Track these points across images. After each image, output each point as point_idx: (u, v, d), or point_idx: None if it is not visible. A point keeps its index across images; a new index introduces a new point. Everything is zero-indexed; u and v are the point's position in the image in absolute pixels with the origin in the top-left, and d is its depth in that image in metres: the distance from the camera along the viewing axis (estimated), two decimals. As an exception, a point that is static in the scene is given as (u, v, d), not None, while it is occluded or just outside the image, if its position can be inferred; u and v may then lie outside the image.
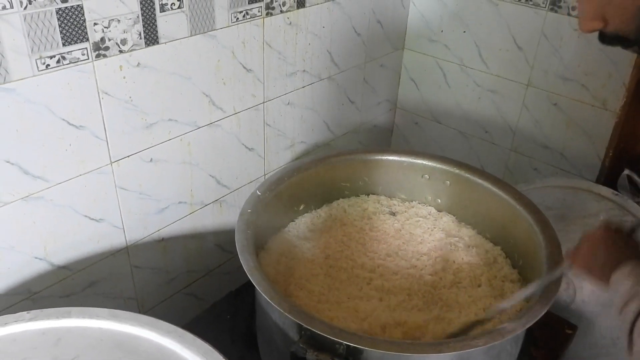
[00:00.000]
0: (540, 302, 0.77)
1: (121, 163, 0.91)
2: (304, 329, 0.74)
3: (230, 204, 1.16)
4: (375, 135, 1.54)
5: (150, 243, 1.02)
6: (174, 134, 0.97)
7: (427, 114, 1.53)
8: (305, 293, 0.89)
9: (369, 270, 0.96)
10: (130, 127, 0.90)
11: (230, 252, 1.21)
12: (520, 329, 0.73)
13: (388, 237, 1.04)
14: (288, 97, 1.18)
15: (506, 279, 0.96)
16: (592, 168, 1.28)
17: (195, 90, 0.97)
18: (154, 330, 0.69)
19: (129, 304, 1.04)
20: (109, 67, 0.83)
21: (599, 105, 1.23)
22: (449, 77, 1.45)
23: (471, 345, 0.70)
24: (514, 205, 0.97)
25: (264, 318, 0.86)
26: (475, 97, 1.42)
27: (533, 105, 1.33)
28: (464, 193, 1.07)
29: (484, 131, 1.44)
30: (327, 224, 1.06)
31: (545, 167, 1.37)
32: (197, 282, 1.16)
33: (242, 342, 0.96)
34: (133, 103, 0.88)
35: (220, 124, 1.05)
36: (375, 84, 1.44)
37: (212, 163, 1.07)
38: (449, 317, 0.88)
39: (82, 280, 0.94)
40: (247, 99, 1.08)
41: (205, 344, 0.67)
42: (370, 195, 1.14)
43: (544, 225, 0.91)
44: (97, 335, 0.69)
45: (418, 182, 1.11)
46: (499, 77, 1.36)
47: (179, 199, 1.04)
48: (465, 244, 1.04)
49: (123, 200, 0.94)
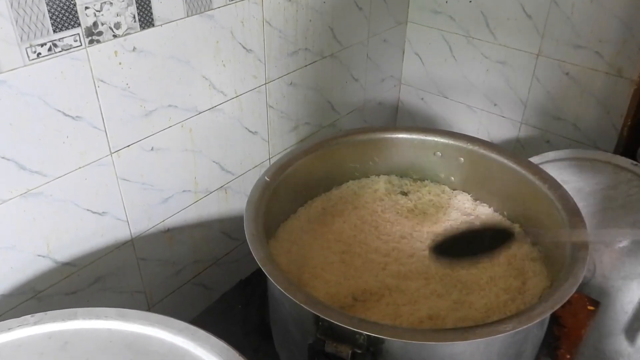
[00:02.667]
0: (568, 282, 0.74)
1: (121, 153, 0.88)
2: (321, 320, 0.71)
3: (236, 190, 1.13)
4: (380, 113, 1.51)
5: (156, 234, 1.00)
6: (175, 120, 0.94)
7: (433, 89, 1.50)
8: (321, 282, 0.86)
9: (384, 254, 0.93)
10: (129, 116, 0.87)
11: (237, 239, 1.19)
12: (548, 311, 0.70)
13: (401, 219, 1.01)
14: (290, 77, 1.15)
15: (526, 257, 0.93)
16: (607, 139, 1.25)
17: (194, 73, 0.94)
18: (165, 329, 0.66)
19: (137, 297, 1.02)
20: (103, 53, 0.80)
21: (614, 73, 1.19)
22: (455, 49, 1.41)
23: (498, 331, 0.67)
24: (533, 180, 0.94)
25: (277, 309, 0.83)
26: (483, 69, 1.38)
27: (544, 75, 1.30)
28: (478, 170, 1.03)
29: (493, 104, 1.41)
30: (339, 208, 1.03)
31: (558, 139, 1.34)
32: (205, 271, 1.14)
33: (255, 334, 0.93)
34: (130, 90, 0.85)
35: (221, 108, 1.02)
36: (378, 60, 1.41)
37: (215, 149, 1.04)
38: (470, 300, 0.85)
39: (87, 276, 0.92)
40: (249, 80, 1.05)
41: (220, 341, 0.64)
42: (381, 175, 1.11)
43: (565, 200, 0.88)
44: (106, 337, 0.66)
45: (430, 160, 1.08)
46: (508, 47, 1.32)
47: (183, 187, 1.02)
48: (481, 222, 1.01)
49: (125, 192, 0.91)
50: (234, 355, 0.63)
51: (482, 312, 0.83)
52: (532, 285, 0.87)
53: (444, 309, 0.83)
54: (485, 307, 0.84)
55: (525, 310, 0.72)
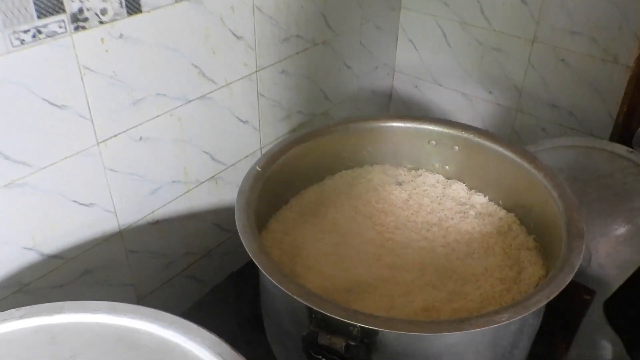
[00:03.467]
0: (564, 271, 0.74)
1: (109, 143, 0.87)
2: (314, 312, 0.71)
3: (227, 180, 1.13)
4: (373, 101, 1.51)
5: (145, 226, 0.99)
6: (163, 109, 0.93)
7: (427, 76, 1.50)
8: (314, 274, 0.85)
9: (379, 245, 0.93)
10: (116, 104, 0.86)
11: (228, 230, 1.19)
12: (545, 300, 0.70)
13: (396, 209, 1.01)
14: (282, 65, 1.14)
15: (522, 247, 0.93)
16: (603, 126, 1.25)
17: (183, 61, 0.93)
18: (156, 322, 0.65)
19: (126, 290, 1.01)
20: (89, 40, 0.78)
21: (610, 59, 1.19)
22: (449, 36, 1.40)
23: (495, 321, 0.67)
24: (528, 169, 0.93)
25: (270, 302, 0.83)
26: (478, 56, 1.38)
27: (539, 62, 1.29)
28: (473, 158, 1.03)
29: (487, 92, 1.41)
30: (332, 198, 1.03)
31: (553, 127, 1.34)
32: (196, 263, 1.14)
33: (248, 327, 0.93)
34: (118, 78, 0.84)
35: (211, 97, 1.01)
36: (372, 48, 1.40)
37: (205, 138, 1.04)
38: (465, 290, 0.85)
39: (75, 269, 0.91)
40: (239, 68, 1.04)
41: (212, 334, 0.64)
42: (375, 165, 1.11)
43: (561, 189, 0.88)
44: (95, 331, 0.65)
45: (425, 149, 1.07)
46: (503, 33, 1.31)
47: (173, 178, 1.01)
48: (477, 212, 1.01)
49: (113, 183, 0.91)
50: (226, 349, 0.62)
51: (478, 303, 0.83)
52: (527, 275, 0.87)
53: (439, 300, 0.83)
54: (481, 297, 0.84)
55: (520, 300, 0.72)
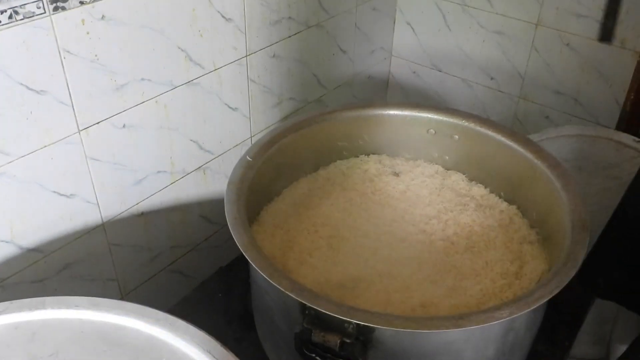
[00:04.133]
0: (567, 265, 0.75)
1: (90, 131, 0.87)
2: (307, 308, 0.71)
3: (215, 170, 1.13)
4: (370, 87, 1.51)
5: (129, 218, 1.00)
6: (148, 95, 0.93)
7: (425, 61, 1.50)
8: (307, 269, 0.86)
9: (374, 238, 0.93)
10: (98, 90, 0.86)
11: (217, 223, 1.19)
12: (547, 296, 0.71)
13: (393, 201, 1.02)
14: (273, 49, 1.14)
15: (524, 240, 0.94)
16: (610, 114, 1.26)
17: (169, 44, 0.93)
18: (142, 318, 0.66)
19: (109, 286, 1.02)
20: (69, 21, 0.78)
21: (617, 43, 1.20)
22: (449, 19, 1.41)
23: (495, 317, 0.68)
24: (531, 159, 0.94)
25: (261, 297, 0.83)
26: (479, 40, 1.38)
27: (543, 46, 1.30)
28: (474, 148, 1.04)
29: (489, 78, 1.41)
30: (326, 190, 1.03)
31: (558, 114, 1.35)
32: (183, 258, 1.14)
33: (237, 324, 0.94)
34: (100, 62, 0.84)
35: (199, 82, 1.01)
36: (368, 30, 1.40)
37: (192, 126, 1.04)
38: (464, 285, 0.86)
39: (55, 263, 0.91)
40: (228, 52, 1.04)
41: (200, 331, 0.65)
42: (371, 155, 1.11)
43: (565, 180, 0.89)
44: (78, 327, 0.66)
45: (423, 138, 1.08)
46: (505, 16, 1.32)
47: (158, 168, 1.01)
48: (477, 204, 1.02)
49: (95, 173, 0.91)
50: (215, 346, 0.63)
51: (478, 299, 0.84)
52: (529, 269, 0.88)
53: (438, 295, 0.84)
54: (481, 293, 0.85)
55: (522, 295, 0.73)
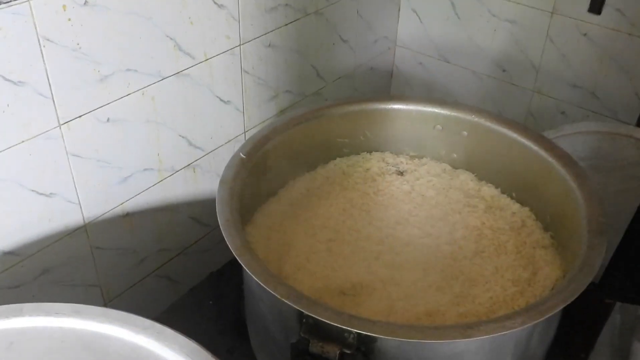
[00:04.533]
0: (583, 272, 0.76)
1: (72, 125, 0.87)
2: (305, 317, 0.72)
3: (206, 169, 1.13)
4: (372, 79, 1.52)
5: (113, 219, 1.00)
6: (134, 87, 0.94)
7: (432, 52, 1.50)
8: (304, 274, 0.87)
9: (377, 242, 0.94)
10: (81, 81, 0.86)
11: (208, 225, 1.19)
12: (561, 305, 0.72)
13: (396, 202, 1.03)
14: (269, 38, 1.14)
15: (537, 244, 0.95)
16: (630, 109, 1.27)
17: (157, 32, 0.93)
18: (127, 327, 0.66)
19: (92, 292, 1.02)
20: (49, 7, 0.78)
21: (638, 34, 1.21)
22: (459, 6, 1.41)
23: (505, 327, 0.69)
24: (546, 157, 0.95)
25: (255, 305, 0.84)
26: (491, 29, 1.39)
27: (559, 36, 1.30)
28: (484, 145, 1.05)
29: (501, 70, 1.42)
30: (325, 189, 1.04)
31: (574, 110, 1.35)
32: (170, 262, 1.15)
33: (229, 333, 0.95)
34: (82, 51, 0.84)
35: (189, 73, 1.01)
36: (370, 18, 1.41)
37: (181, 121, 1.04)
38: (473, 293, 0.87)
39: (33, 268, 0.91)
40: (221, 41, 1.04)
41: (190, 340, 0.65)
42: (373, 152, 1.12)
43: (582, 180, 0.89)
44: (58, 336, 0.66)
45: (429, 134, 1.09)
46: (519, 4, 1.32)
47: (145, 165, 1.01)
48: (487, 205, 1.03)
49: (77, 170, 0.91)
50: (205, 357, 0.63)
51: (487, 307, 0.85)
52: (543, 276, 0.89)
53: (444, 303, 0.85)
54: (491, 301, 0.86)
55: (535, 304, 0.73)
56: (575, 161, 0.94)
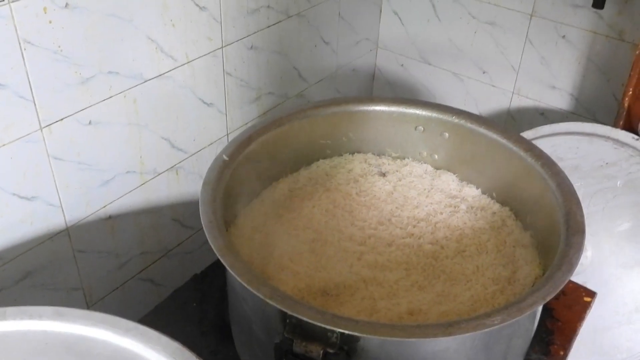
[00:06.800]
0: (561, 270, 0.77)
1: (53, 128, 0.88)
2: (289, 317, 0.72)
3: (188, 170, 1.14)
4: (354, 81, 1.53)
5: (95, 222, 1.00)
6: (116, 89, 0.94)
7: (414, 53, 1.52)
8: (288, 275, 0.87)
9: (359, 242, 0.95)
10: (62, 84, 0.86)
11: (191, 227, 1.20)
12: (540, 302, 0.73)
13: (379, 202, 1.03)
14: (251, 40, 1.15)
15: (517, 243, 0.96)
16: (608, 110, 1.29)
17: (138, 34, 0.93)
18: (111, 329, 0.66)
19: (74, 295, 1.02)
20: (30, 9, 0.79)
21: (615, 36, 1.23)
22: (439, 8, 1.43)
23: (486, 325, 0.70)
24: (525, 158, 0.96)
25: (239, 306, 0.84)
26: (471, 31, 1.40)
27: (538, 38, 1.32)
28: (465, 146, 1.06)
29: (481, 72, 1.44)
30: (308, 190, 1.04)
31: (553, 111, 1.37)
32: (153, 265, 1.15)
33: (213, 334, 0.95)
34: (63, 54, 0.85)
35: (171, 75, 1.02)
36: (352, 20, 1.42)
37: (164, 123, 1.04)
38: (454, 292, 0.88)
39: (15, 271, 0.91)
40: (202, 43, 1.05)
41: (174, 342, 0.65)
42: (356, 153, 1.13)
43: (560, 180, 0.91)
44: (41, 339, 0.66)
45: (411, 135, 1.09)
46: (498, 6, 1.34)
47: (127, 167, 1.02)
48: (468, 205, 1.04)
49: (58, 173, 0.91)
50: (189, 357, 0.64)
51: (468, 305, 0.86)
52: (523, 274, 0.90)
53: (426, 302, 0.86)
54: (472, 299, 0.87)
55: (514, 301, 0.74)
56: (554, 162, 0.95)
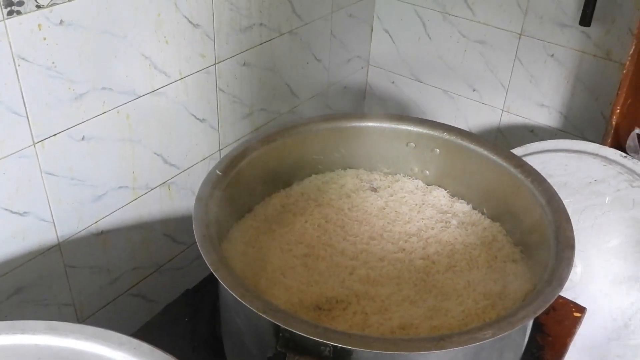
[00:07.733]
0: (552, 285, 0.78)
1: (46, 143, 0.88)
2: (281, 331, 0.73)
3: (181, 186, 1.14)
4: (346, 98, 1.54)
5: (87, 237, 1.00)
6: (109, 105, 0.94)
7: (405, 71, 1.53)
8: (280, 289, 0.88)
9: (351, 257, 0.95)
10: (56, 99, 0.87)
11: (183, 243, 1.20)
12: (531, 316, 0.74)
13: (371, 217, 1.04)
14: (244, 57, 1.16)
15: (507, 259, 0.97)
16: (596, 128, 1.31)
17: (132, 51, 0.94)
18: (104, 343, 0.66)
19: (65, 311, 1.02)
20: (25, 26, 0.79)
21: (602, 55, 1.25)
22: (430, 27, 1.44)
23: (477, 338, 0.70)
24: (515, 174, 0.97)
25: (231, 320, 0.84)
26: (461, 49, 1.42)
27: (527, 57, 1.34)
28: (455, 162, 1.07)
29: (471, 89, 1.45)
30: (300, 206, 1.05)
31: (542, 129, 1.39)
32: (145, 280, 1.15)
33: (205, 349, 0.94)
34: (57, 70, 0.85)
35: (164, 92, 1.02)
36: (344, 38, 1.43)
37: (156, 139, 1.05)
38: (446, 306, 0.88)
39: (6, 287, 0.91)
40: (196, 60, 1.06)
41: (167, 355, 0.65)
42: (348, 169, 1.13)
43: (550, 196, 0.92)
44: (34, 354, 0.66)
45: (402, 151, 1.10)
46: (488, 25, 1.36)
47: (119, 183, 1.02)
48: (459, 221, 1.04)
49: (51, 188, 0.91)
50: (183, 371, 0.64)
51: (459, 320, 0.86)
52: (513, 289, 0.91)
53: (418, 317, 0.86)
54: (463, 314, 0.87)
55: (505, 315, 0.75)
56: (544, 178, 0.96)
